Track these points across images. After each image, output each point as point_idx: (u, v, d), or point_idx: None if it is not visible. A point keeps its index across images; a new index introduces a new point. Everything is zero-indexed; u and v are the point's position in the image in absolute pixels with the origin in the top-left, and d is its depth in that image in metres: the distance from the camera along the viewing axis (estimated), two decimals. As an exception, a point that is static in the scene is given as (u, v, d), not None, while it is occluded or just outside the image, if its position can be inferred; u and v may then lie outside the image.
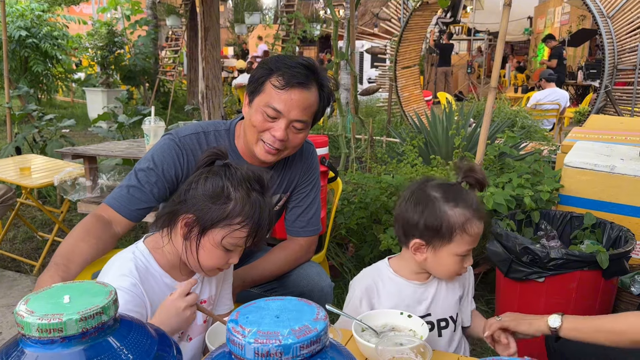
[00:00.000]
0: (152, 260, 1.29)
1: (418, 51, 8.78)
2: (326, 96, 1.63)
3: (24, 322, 0.66)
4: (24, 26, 8.47)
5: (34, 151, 4.91)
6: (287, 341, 0.61)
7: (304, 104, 1.56)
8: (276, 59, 1.60)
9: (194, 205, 1.21)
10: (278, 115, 1.55)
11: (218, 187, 1.21)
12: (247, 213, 1.21)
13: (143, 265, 1.27)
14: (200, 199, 1.21)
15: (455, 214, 1.36)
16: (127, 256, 1.28)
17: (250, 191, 1.22)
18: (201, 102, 3.55)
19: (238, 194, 1.21)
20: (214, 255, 1.24)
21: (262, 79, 1.57)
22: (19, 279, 3.30)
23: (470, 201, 1.38)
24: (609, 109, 7.17)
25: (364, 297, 1.46)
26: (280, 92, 1.53)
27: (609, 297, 2.25)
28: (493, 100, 2.28)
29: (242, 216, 1.20)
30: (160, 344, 0.74)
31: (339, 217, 3.07)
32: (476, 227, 1.37)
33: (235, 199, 1.20)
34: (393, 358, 1.13)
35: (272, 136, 1.56)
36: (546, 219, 2.50)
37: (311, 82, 1.57)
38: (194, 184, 1.24)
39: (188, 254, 1.25)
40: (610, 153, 2.64)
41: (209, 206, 1.20)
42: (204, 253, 1.24)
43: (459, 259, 1.39)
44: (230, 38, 19.55)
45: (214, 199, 1.20)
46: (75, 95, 12.51)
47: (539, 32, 16.83)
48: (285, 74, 1.53)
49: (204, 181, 1.23)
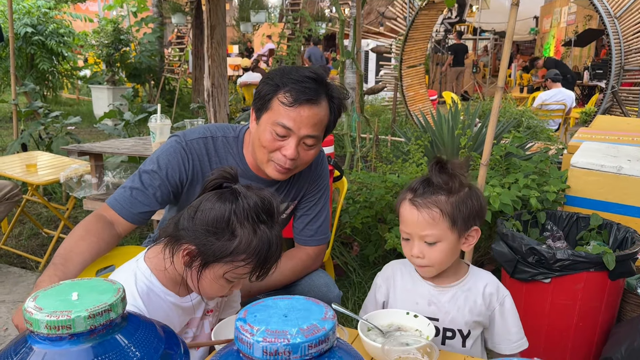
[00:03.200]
0: (154, 279, 1.24)
1: (424, 50, 8.76)
2: (337, 108, 1.56)
3: (32, 319, 0.66)
4: (30, 23, 8.49)
5: (39, 148, 4.92)
6: (295, 340, 0.61)
7: (314, 120, 1.49)
8: (281, 73, 1.52)
9: (197, 237, 1.14)
10: (288, 133, 1.49)
11: (223, 220, 1.13)
12: (253, 250, 1.13)
13: (145, 288, 1.22)
14: (203, 232, 1.13)
15: (400, 194, 1.43)
16: (128, 280, 1.23)
17: (257, 225, 1.14)
18: (207, 100, 3.55)
19: (244, 230, 1.12)
20: (215, 286, 1.19)
21: (268, 96, 1.51)
22: (24, 275, 3.31)
23: (416, 187, 1.38)
24: (616, 110, 7.14)
25: (383, 285, 1.50)
26: (288, 110, 1.47)
27: (615, 299, 2.24)
28: (500, 100, 2.27)
29: (247, 253, 1.13)
30: (167, 342, 0.74)
31: (343, 216, 3.06)
32: (403, 208, 1.38)
33: (241, 236, 1.12)
34: (399, 358, 1.13)
35: (283, 156, 1.51)
36: (552, 219, 2.49)
37: (320, 95, 1.50)
38: (199, 212, 1.15)
39: (189, 281, 1.21)
40: (617, 154, 2.63)
41: (212, 241, 1.13)
42: (206, 283, 1.19)
43: (404, 240, 1.41)
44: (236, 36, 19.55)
45: (218, 235, 1.13)
46: (81, 93, 12.55)
47: (545, 31, 16.78)
48: (293, 90, 1.47)
49: (209, 212, 1.14)
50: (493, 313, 1.43)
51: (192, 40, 9.46)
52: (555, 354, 2.22)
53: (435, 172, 1.36)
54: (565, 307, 2.17)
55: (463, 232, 1.37)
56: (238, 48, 18.95)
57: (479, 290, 1.42)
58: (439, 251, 1.36)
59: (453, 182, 1.35)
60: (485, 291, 1.42)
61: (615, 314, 2.30)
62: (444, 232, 1.34)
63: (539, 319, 2.21)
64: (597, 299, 2.15)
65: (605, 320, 2.22)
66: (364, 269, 3.12)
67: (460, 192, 1.36)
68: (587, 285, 2.11)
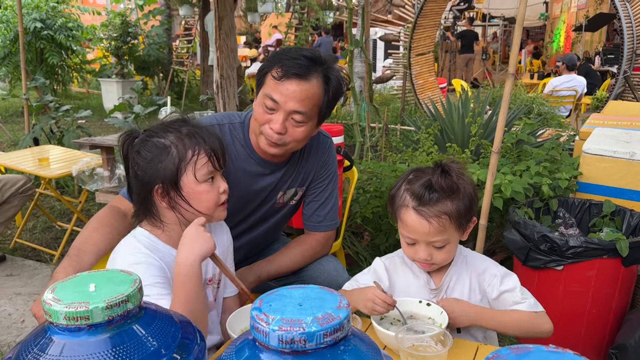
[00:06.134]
0: (155, 239, 1.31)
1: (432, 38, 8.68)
2: (333, 90, 1.58)
3: (51, 310, 0.67)
4: (39, 18, 8.52)
5: (51, 142, 4.96)
6: (310, 329, 0.62)
7: (302, 95, 1.52)
8: (282, 51, 1.58)
9: (151, 177, 1.25)
10: (276, 106, 1.53)
11: (153, 147, 1.25)
12: (192, 144, 1.25)
13: (149, 244, 1.30)
14: (151, 168, 1.24)
15: (397, 195, 1.40)
16: (129, 241, 1.32)
17: (178, 129, 1.27)
18: (216, 92, 3.55)
19: (168, 137, 1.25)
20: (203, 195, 1.28)
21: (264, 71, 1.56)
22: (39, 268, 3.35)
23: (419, 194, 1.34)
24: (628, 95, 7.05)
25: (382, 266, 1.49)
26: (277, 83, 1.52)
27: (629, 285, 2.23)
28: (511, 87, 2.25)
29: (190, 149, 1.25)
30: (184, 331, 0.74)
31: (354, 206, 3.07)
32: (408, 216, 1.35)
33: (173, 143, 1.25)
34: (413, 346, 1.13)
35: (270, 129, 1.55)
36: (564, 206, 2.48)
37: (311, 73, 1.52)
38: (136, 167, 1.26)
39: (185, 214, 1.28)
40: (630, 140, 2.61)
41: (162, 166, 1.24)
42: (195, 200, 1.27)
43: (409, 245, 1.39)
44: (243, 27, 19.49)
45: (160, 158, 1.24)
46: (90, 86, 12.60)
47: (555, 17, 16.57)
48: (285, 65, 1.51)
49: (139, 157, 1.25)
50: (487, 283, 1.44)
51: (199, 31, 9.44)
52: (569, 341, 2.22)
53: (439, 178, 1.34)
54: (578, 294, 2.16)
55: (465, 226, 1.40)
56: (246, 39, 18.89)
57: (469, 273, 1.45)
58: (446, 251, 1.38)
59: (457, 184, 1.34)
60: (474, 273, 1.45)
61: (629, 300, 2.29)
62: (452, 234, 1.36)
63: (551, 306, 2.19)
64: (610, 285, 2.15)
65: (619, 307, 2.21)
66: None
67: (461, 192, 1.35)
68: (600, 272, 2.10)
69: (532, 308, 1.38)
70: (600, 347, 2.26)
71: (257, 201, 1.75)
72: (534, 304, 1.39)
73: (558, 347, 0.64)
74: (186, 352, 0.72)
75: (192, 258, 1.17)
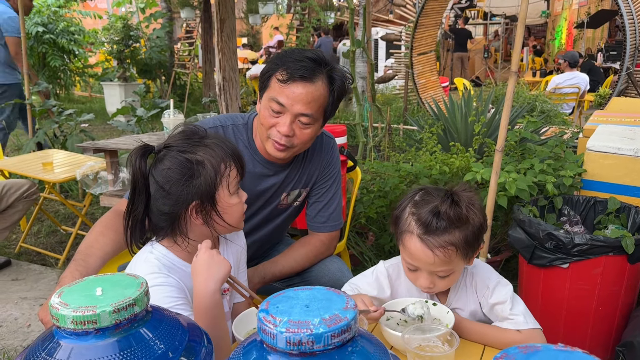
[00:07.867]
0: (172, 256, 1.26)
1: (434, 37, 8.67)
2: (338, 90, 1.58)
3: (58, 315, 0.67)
4: (41, 22, 8.55)
5: (54, 146, 4.97)
6: (318, 330, 0.62)
7: (308, 98, 1.52)
8: (284, 53, 1.58)
9: (188, 194, 1.19)
10: (282, 109, 1.53)
11: (187, 163, 1.19)
12: (222, 155, 1.22)
13: (166, 262, 1.25)
14: (186, 187, 1.19)
15: (401, 219, 1.33)
16: (147, 257, 1.26)
17: (200, 142, 1.23)
18: (218, 94, 3.55)
19: (199, 153, 1.21)
20: (234, 207, 1.26)
21: (268, 74, 1.56)
22: (44, 272, 3.36)
23: (426, 222, 1.26)
24: (631, 91, 7.03)
25: (385, 274, 1.47)
26: (283, 86, 1.52)
27: (635, 282, 2.22)
28: (514, 85, 2.24)
29: (222, 162, 1.22)
30: (191, 334, 0.74)
31: (358, 206, 3.06)
32: (413, 244, 1.29)
33: (204, 158, 1.21)
34: (419, 346, 1.13)
35: (278, 132, 1.55)
36: (569, 204, 2.47)
37: (316, 75, 1.53)
38: (166, 184, 1.19)
39: (218, 228, 1.26)
40: (634, 136, 2.60)
41: (197, 182, 1.19)
42: (228, 214, 1.25)
43: (410, 270, 1.34)
44: (244, 29, 19.51)
45: (194, 175, 1.19)
46: (93, 90, 12.63)
47: (557, 14, 16.53)
48: (290, 67, 1.51)
49: (169, 172, 1.19)
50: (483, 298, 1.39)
51: (201, 34, 9.45)
52: (575, 339, 2.21)
53: (448, 208, 1.26)
54: (584, 292, 2.15)
55: (472, 255, 1.34)
56: (247, 41, 18.90)
57: (474, 287, 1.41)
58: (449, 280, 1.33)
59: (467, 216, 1.27)
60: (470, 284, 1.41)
61: (636, 297, 2.28)
62: (457, 264, 1.30)
63: (557, 304, 2.20)
64: (616, 283, 2.14)
65: (625, 304, 2.21)
66: (380, 258, 3.11)
67: (470, 223, 1.28)
68: (606, 270, 2.09)
69: (519, 326, 1.29)
70: (607, 345, 2.25)
71: (260, 202, 1.75)
72: (522, 321, 1.29)
73: (567, 345, 0.64)
74: (193, 354, 0.72)
75: (212, 286, 1.11)
